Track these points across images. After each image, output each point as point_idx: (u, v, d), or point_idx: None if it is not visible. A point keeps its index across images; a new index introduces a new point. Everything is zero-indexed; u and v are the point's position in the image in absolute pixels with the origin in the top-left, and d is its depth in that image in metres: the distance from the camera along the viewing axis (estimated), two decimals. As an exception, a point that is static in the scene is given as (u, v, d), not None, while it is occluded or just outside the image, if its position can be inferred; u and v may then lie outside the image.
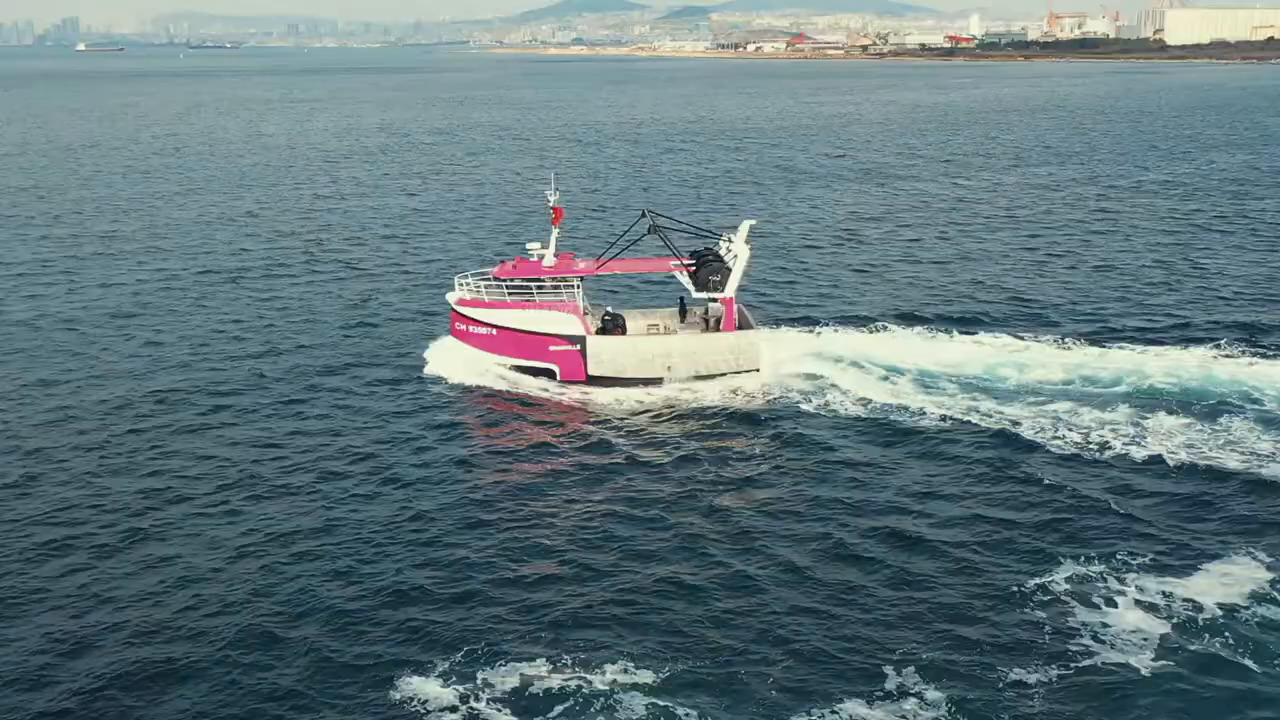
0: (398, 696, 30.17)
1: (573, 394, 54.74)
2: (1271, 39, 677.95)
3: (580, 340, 55.69)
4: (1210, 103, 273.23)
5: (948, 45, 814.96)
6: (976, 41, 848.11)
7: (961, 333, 62.70)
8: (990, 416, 49.93)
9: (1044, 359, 57.54)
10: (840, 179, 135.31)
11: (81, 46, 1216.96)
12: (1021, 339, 61.19)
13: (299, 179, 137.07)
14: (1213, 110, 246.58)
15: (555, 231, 58.39)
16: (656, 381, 55.42)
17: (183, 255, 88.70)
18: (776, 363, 56.59)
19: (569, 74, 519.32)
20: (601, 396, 54.20)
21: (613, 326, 57.13)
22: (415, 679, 30.80)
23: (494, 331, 56.73)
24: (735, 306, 57.11)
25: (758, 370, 55.79)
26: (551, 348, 56.03)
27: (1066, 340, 61.14)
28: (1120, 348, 59.54)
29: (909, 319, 66.21)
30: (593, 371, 55.75)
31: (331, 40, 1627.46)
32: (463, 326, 57.90)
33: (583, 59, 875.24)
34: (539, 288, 56.42)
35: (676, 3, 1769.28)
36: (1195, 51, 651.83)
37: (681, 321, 59.63)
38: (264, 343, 63.52)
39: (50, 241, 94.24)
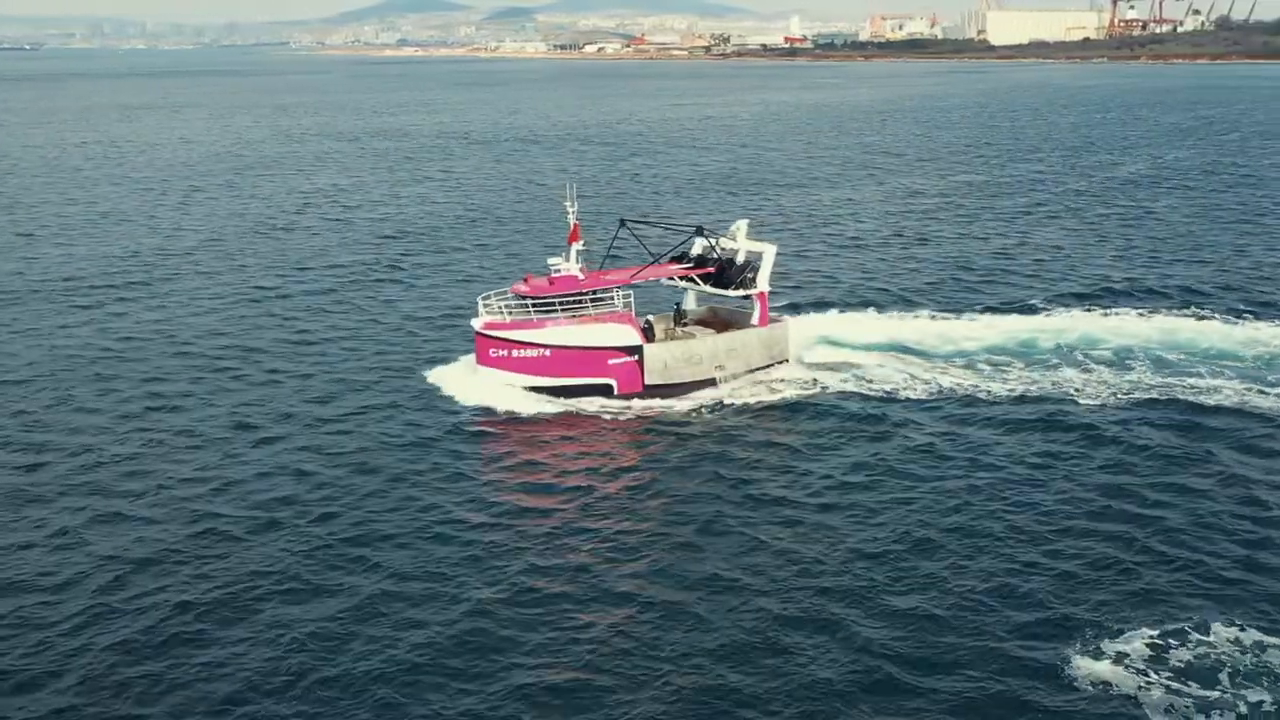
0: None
1: (628, 407, 52.92)
2: (1087, 39, 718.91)
3: (638, 350, 53.96)
4: (1083, 101, 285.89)
5: (787, 46, 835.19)
6: (813, 43, 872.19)
7: (941, 311, 68.34)
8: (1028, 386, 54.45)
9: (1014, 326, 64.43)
10: (809, 177, 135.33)
11: None
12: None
13: (252, 191, 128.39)
14: (1094, 106, 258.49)
15: (575, 247, 55.69)
16: (710, 383, 54.75)
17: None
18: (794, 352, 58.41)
19: (424, 76, 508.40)
20: (659, 404, 52.91)
21: (649, 335, 56.12)
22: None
23: (547, 352, 53.39)
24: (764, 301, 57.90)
25: (787, 360, 57.31)
26: (610, 361, 53.88)
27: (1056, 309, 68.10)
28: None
29: (895, 302, 70.77)
30: (650, 381, 54.03)
31: (140, 41, 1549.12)
32: (500, 352, 53.84)
33: (419, 60, 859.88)
34: (594, 301, 54.15)
35: (500, 3, 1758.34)
36: (1021, 51, 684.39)
37: (676, 325, 58.98)
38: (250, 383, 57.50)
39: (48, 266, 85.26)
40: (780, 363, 57.20)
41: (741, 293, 57.52)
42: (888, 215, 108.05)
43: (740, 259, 58.62)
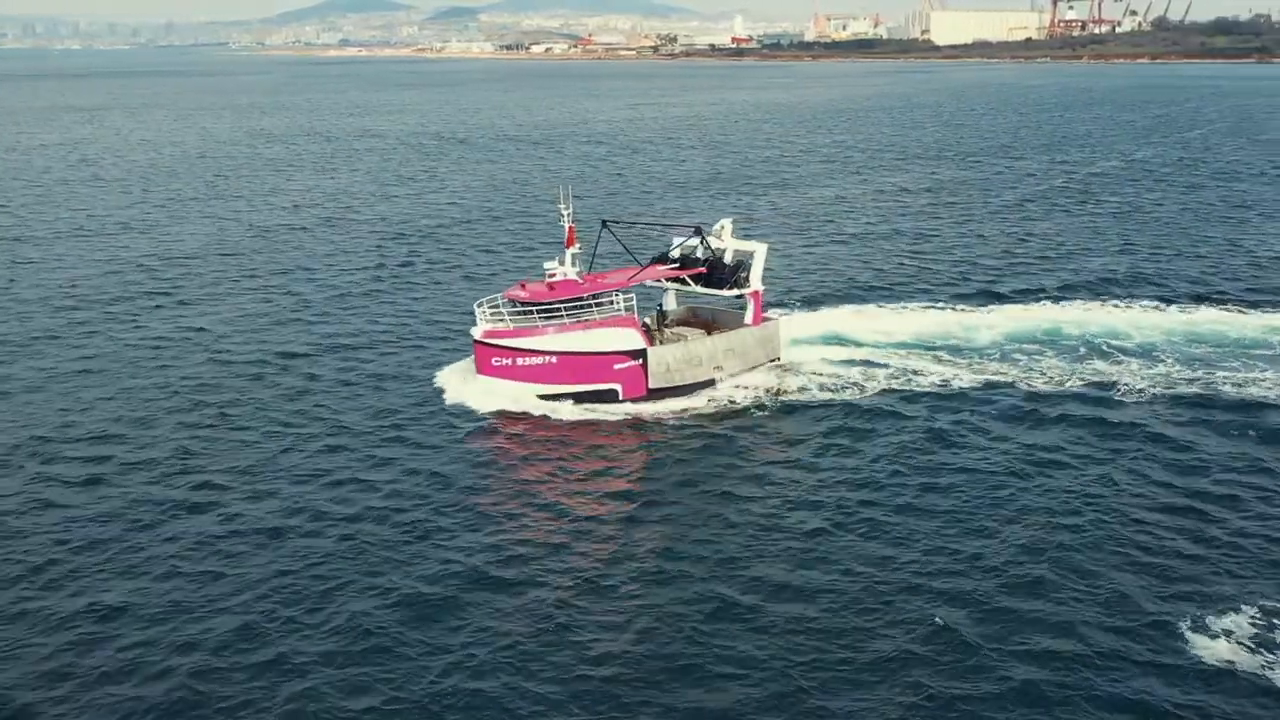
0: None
1: (623, 412, 51.73)
2: (1030, 39, 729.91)
3: (642, 354, 52.85)
4: (1038, 100, 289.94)
5: (734, 46, 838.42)
6: (759, 43, 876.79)
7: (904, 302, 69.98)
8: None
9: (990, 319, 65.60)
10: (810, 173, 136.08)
11: None
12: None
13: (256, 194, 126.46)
14: (1052, 105, 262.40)
15: (570, 251, 54.59)
16: (710, 384, 54.25)
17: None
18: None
19: (375, 76, 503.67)
20: (655, 409, 51.87)
21: (650, 337, 55.11)
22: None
23: (553, 359, 51.79)
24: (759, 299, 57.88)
25: (779, 359, 57.35)
26: (616, 366, 52.57)
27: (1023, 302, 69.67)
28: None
29: (870, 296, 72.07)
30: (653, 384, 53.05)
31: (75, 42, 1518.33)
32: (504, 360, 52.02)
33: (365, 60, 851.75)
34: (597, 305, 52.77)
35: (442, 3, 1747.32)
36: (965, 51, 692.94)
37: (660, 327, 58.13)
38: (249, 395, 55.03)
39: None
40: (773, 361, 57.10)
41: (735, 292, 56.94)
42: (878, 212, 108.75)
43: (728, 258, 58.11)
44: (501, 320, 52.43)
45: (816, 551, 37.65)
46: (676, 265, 58.39)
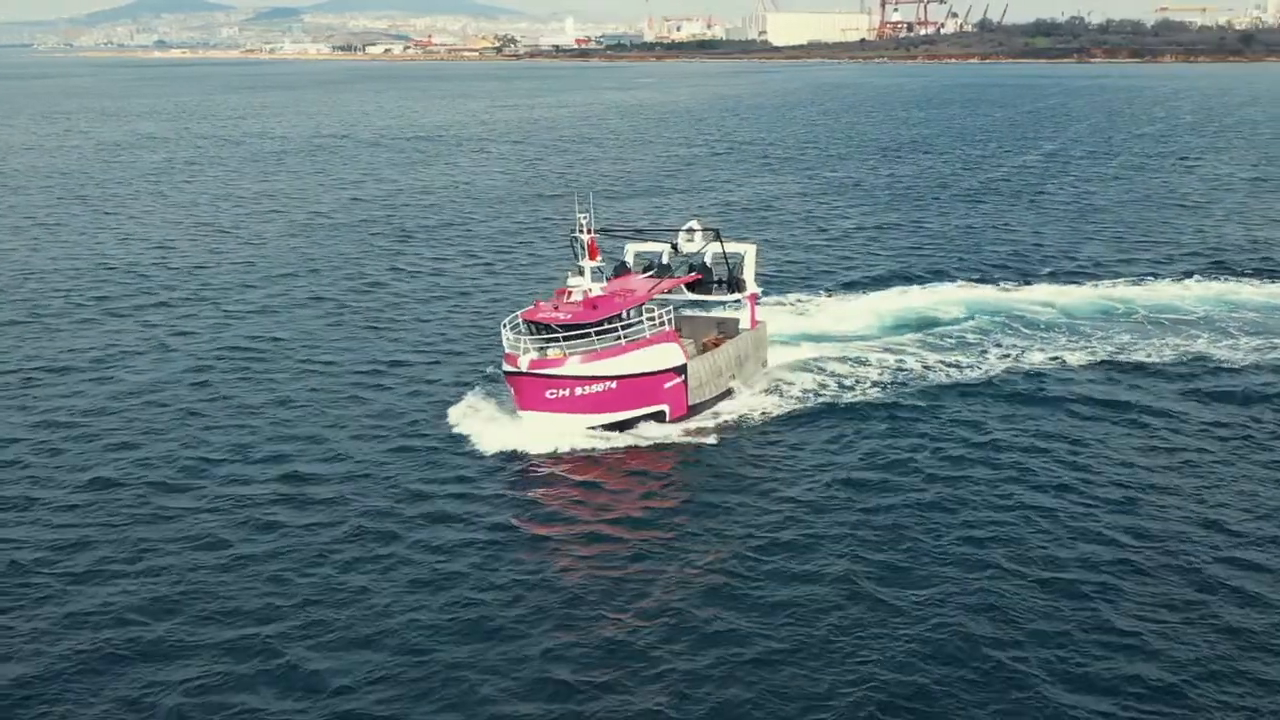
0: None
1: (664, 435, 47.89)
2: (864, 40, 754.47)
3: (683, 369, 49.07)
4: (907, 98, 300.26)
5: (578, 47, 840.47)
6: (597, 43, 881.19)
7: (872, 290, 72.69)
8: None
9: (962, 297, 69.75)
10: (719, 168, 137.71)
11: None
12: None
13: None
14: (928, 103, 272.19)
15: (593, 263, 50.14)
16: (728, 395, 51.58)
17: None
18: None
19: (223, 79, 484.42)
20: (693, 426, 48.59)
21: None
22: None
23: (613, 384, 46.82)
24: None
25: (766, 363, 55.60)
26: (666, 385, 48.64)
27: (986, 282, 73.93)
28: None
29: (826, 287, 73.85)
30: (692, 401, 49.55)
31: None
32: (560, 391, 46.05)
33: (194, 62, 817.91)
34: (650, 322, 48.71)
35: (263, 3, 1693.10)
36: (806, 51, 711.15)
37: None
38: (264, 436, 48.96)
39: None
40: (763, 365, 55.17)
41: (735, 296, 54.72)
42: (833, 207, 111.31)
43: (708, 261, 55.74)
44: (558, 348, 46.36)
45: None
46: (654, 272, 54.58)
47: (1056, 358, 57.02)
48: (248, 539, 38.24)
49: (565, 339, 46.40)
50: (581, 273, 49.64)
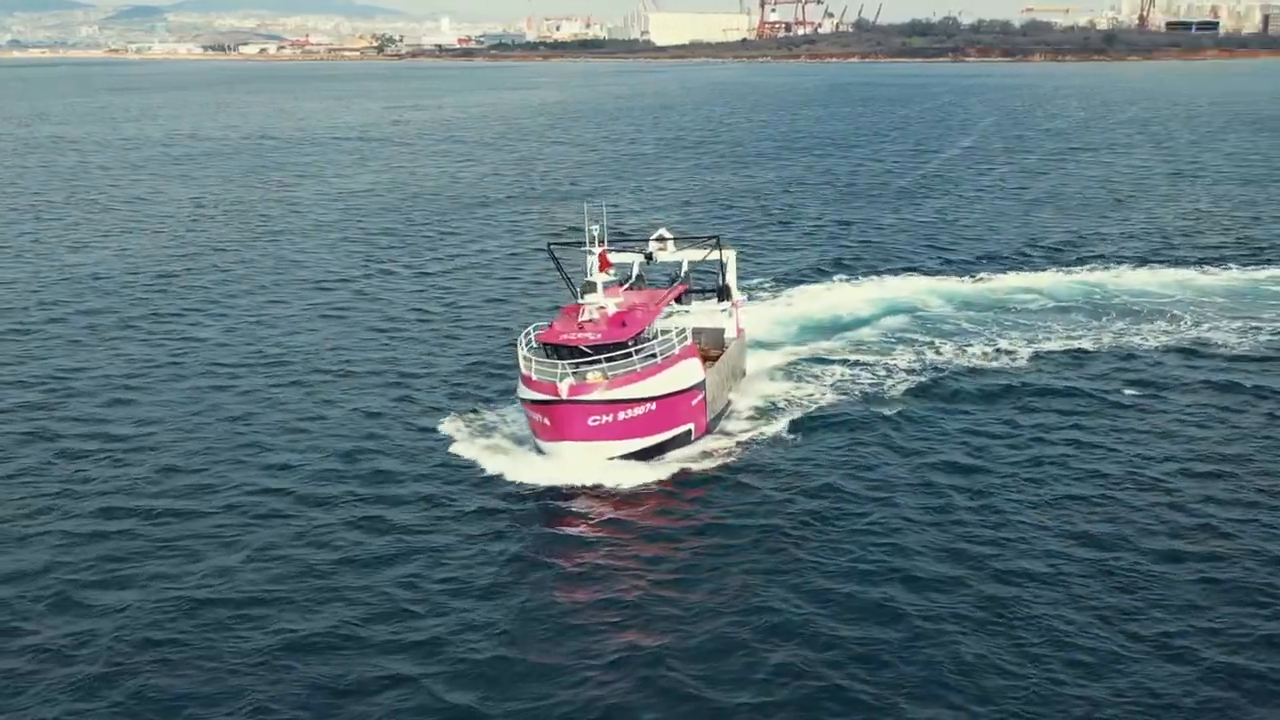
0: None
1: (686, 456, 45.13)
2: (745, 40, 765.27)
3: (703, 384, 46.66)
4: (803, 97, 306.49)
5: (461, 47, 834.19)
6: (479, 42, 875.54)
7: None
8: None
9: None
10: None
11: None
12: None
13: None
14: (830, 101, 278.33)
15: (605, 277, 48.03)
16: (728, 407, 49.88)
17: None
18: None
19: (97, 80, 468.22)
20: (715, 445, 46.33)
21: None
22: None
23: (653, 406, 43.90)
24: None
25: (744, 371, 54.35)
26: (693, 403, 46.10)
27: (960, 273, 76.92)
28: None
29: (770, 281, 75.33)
30: (710, 416, 47.35)
31: None
32: (603, 418, 42.88)
33: (53, 63, 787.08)
34: (679, 336, 46.44)
35: (124, 2, 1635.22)
36: (691, 51, 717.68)
37: None
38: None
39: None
40: (743, 373, 53.82)
41: (725, 305, 53.29)
42: (780, 204, 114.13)
43: (684, 269, 55.03)
44: (600, 372, 43.36)
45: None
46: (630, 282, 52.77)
47: (1045, 346, 59.18)
48: (241, 577, 35.97)
49: (609, 361, 43.42)
50: (594, 288, 46.81)
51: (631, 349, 43.95)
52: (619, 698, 29.48)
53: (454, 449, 45.89)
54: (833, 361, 56.45)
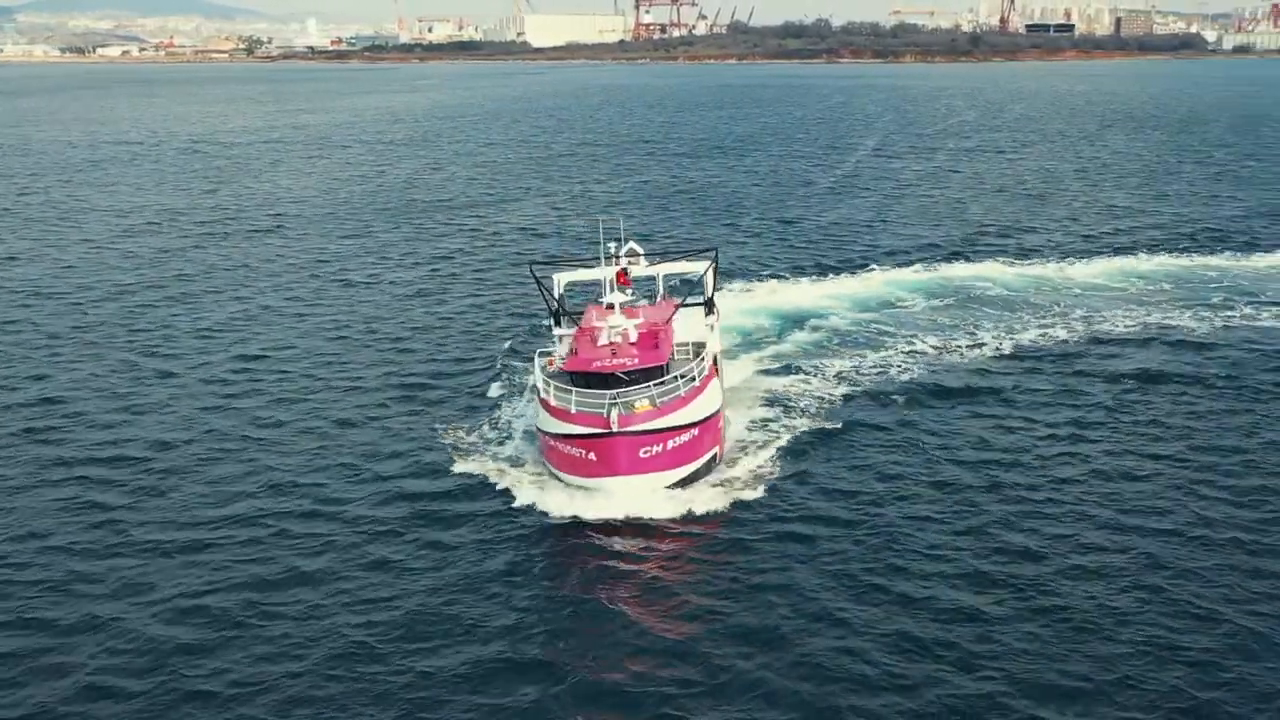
0: None
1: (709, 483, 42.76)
2: (623, 41, 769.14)
3: (723, 404, 44.96)
4: (697, 100, 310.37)
5: (335, 49, 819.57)
6: (349, 44, 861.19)
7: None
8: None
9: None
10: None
11: None
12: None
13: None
14: (733, 104, 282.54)
15: (623, 296, 46.45)
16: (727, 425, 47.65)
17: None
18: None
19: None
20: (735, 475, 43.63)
21: None
22: None
23: (695, 431, 41.45)
24: None
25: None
26: (720, 425, 44.15)
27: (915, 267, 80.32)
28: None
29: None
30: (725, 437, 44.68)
31: None
32: (654, 448, 40.26)
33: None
34: (699, 355, 45.62)
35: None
36: (571, 52, 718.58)
37: None
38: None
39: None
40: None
41: (710, 318, 50.42)
42: (707, 206, 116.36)
43: (660, 282, 53.94)
44: (648, 400, 40.86)
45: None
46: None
47: (1021, 338, 62.24)
48: (268, 613, 34.90)
49: (658, 386, 41.30)
50: (612, 308, 44.77)
51: (677, 374, 41.94)
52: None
53: (468, 468, 44.27)
54: (808, 362, 57.37)
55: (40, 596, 35.93)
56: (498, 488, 42.50)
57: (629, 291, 46.83)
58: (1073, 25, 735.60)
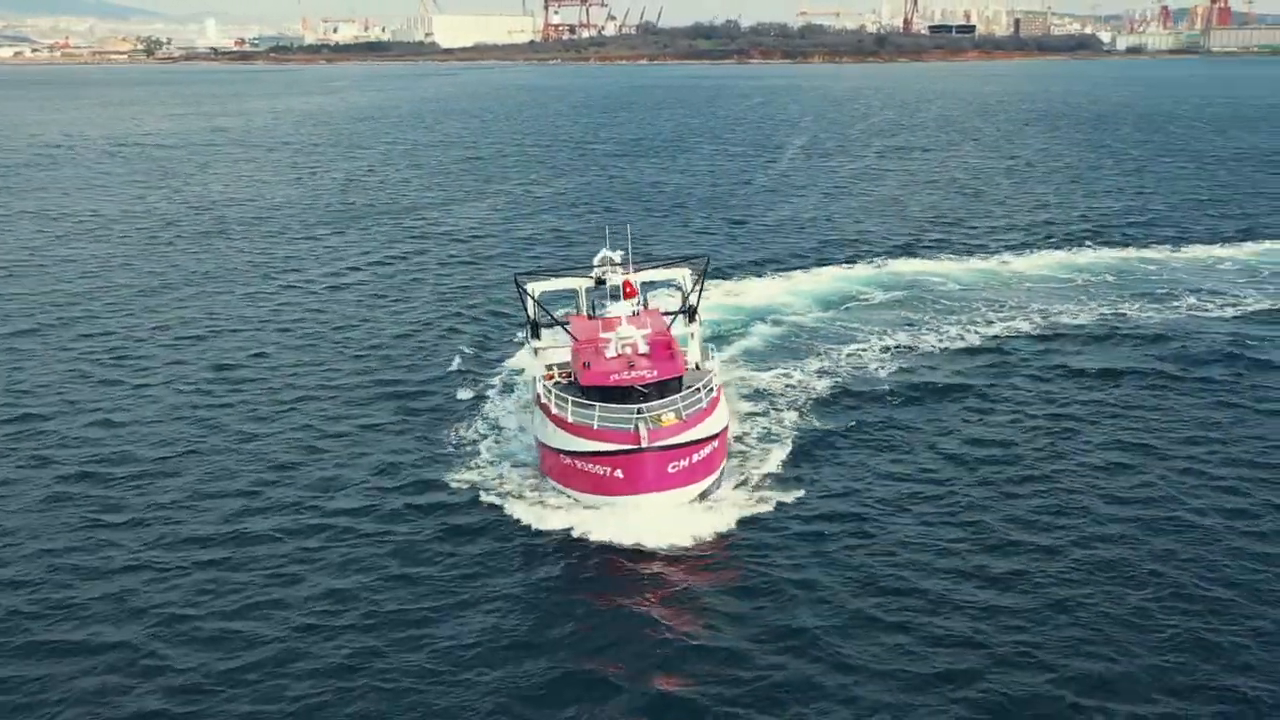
0: None
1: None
2: (533, 42, 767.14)
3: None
4: (626, 102, 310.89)
5: (239, 50, 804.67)
6: (252, 45, 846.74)
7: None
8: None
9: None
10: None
11: None
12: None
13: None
14: (668, 106, 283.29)
15: (630, 306, 45.58)
16: None
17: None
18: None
19: None
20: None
21: None
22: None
23: (716, 443, 40.22)
24: None
25: None
26: (730, 436, 42.88)
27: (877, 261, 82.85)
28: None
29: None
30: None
31: None
32: (681, 463, 38.82)
33: None
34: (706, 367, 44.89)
35: None
36: (482, 53, 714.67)
37: None
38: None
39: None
40: None
41: (692, 326, 49.49)
42: (657, 209, 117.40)
43: (638, 287, 50.60)
44: (674, 411, 39.58)
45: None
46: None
47: (982, 333, 63.87)
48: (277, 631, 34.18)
49: (683, 399, 40.08)
50: (618, 319, 43.49)
51: (700, 386, 40.87)
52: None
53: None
54: (781, 360, 58.07)
55: (19, 615, 35.10)
56: (498, 502, 41.38)
57: (635, 302, 45.64)
58: (973, 27, 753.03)
